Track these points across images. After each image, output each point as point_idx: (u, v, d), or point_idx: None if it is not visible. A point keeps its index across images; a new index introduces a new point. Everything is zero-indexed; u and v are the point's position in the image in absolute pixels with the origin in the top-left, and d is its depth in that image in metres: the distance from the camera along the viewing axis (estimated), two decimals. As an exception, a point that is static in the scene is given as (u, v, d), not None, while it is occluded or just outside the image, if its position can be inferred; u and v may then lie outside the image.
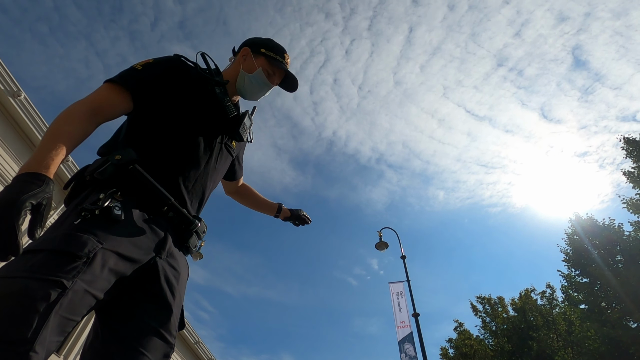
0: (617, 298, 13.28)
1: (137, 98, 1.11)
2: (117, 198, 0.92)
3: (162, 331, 0.92)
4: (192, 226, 1.09)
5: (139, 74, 1.13)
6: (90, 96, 1.04)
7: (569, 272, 15.62)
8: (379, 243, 10.75)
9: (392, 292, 10.10)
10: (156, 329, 0.91)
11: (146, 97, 1.13)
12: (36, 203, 0.76)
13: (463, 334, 20.71)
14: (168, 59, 1.24)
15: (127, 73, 1.12)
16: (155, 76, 1.15)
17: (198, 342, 12.70)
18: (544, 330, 17.11)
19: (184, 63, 1.26)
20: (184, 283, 1.07)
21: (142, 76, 1.13)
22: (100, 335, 0.88)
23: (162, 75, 1.17)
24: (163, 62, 1.21)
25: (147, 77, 1.14)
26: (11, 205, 0.71)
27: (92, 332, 0.92)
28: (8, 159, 6.34)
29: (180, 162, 1.11)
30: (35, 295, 0.69)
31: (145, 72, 1.14)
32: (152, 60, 1.20)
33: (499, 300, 20.50)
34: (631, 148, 14.55)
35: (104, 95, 1.06)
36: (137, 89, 1.10)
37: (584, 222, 15.89)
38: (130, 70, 1.14)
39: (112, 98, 1.06)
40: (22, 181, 0.77)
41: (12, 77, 5.95)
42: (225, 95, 1.29)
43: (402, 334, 9.40)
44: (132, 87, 1.09)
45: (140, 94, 1.11)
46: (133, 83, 1.10)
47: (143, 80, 1.12)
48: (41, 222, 0.78)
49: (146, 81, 1.13)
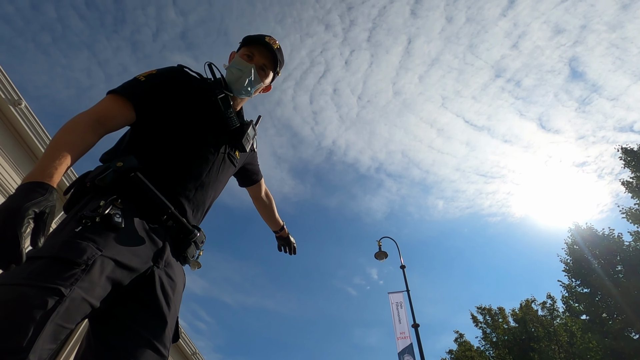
0: (618, 309, 13.19)
1: (140, 109, 1.12)
2: (117, 205, 0.92)
3: (156, 343, 0.90)
4: (191, 236, 1.08)
5: (142, 85, 1.14)
6: (94, 107, 1.05)
7: (570, 282, 15.55)
8: (379, 252, 10.69)
9: (391, 302, 10.00)
10: (149, 341, 0.89)
11: (149, 107, 1.14)
12: (39, 211, 0.74)
13: (463, 345, 20.47)
14: (171, 70, 1.25)
15: (130, 84, 1.14)
16: (157, 86, 1.17)
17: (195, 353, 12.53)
18: (545, 341, 16.93)
19: (186, 73, 1.28)
20: (179, 294, 1.06)
21: (145, 87, 1.14)
22: (93, 346, 0.86)
23: (165, 85, 1.19)
24: (165, 73, 1.23)
25: (150, 87, 1.15)
26: (15, 214, 0.70)
27: (85, 342, 0.90)
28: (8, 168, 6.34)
29: (181, 172, 1.11)
30: (32, 303, 0.69)
31: (147, 82, 1.16)
32: (155, 71, 1.22)
33: (500, 311, 20.31)
34: (629, 158, 14.62)
35: (107, 107, 1.07)
36: (140, 100, 1.11)
37: (584, 232, 15.88)
38: (133, 81, 1.15)
39: (115, 109, 1.07)
40: (25, 190, 0.76)
41: (13, 86, 5.98)
42: (229, 106, 1.28)
43: (402, 345, 9.28)
44: (135, 98, 1.10)
45: (143, 104, 1.12)
46: (136, 94, 1.11)
47: (146, 90, 1.14)
48: (44, 230, 0.76)
49: (149, 92, 1.14)
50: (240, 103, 1.44)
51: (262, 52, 1.37)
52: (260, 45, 1.37)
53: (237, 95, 1.37)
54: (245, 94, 1.37)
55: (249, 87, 1.35)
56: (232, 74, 1.33)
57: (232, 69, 1.34)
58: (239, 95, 1.37)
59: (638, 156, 14.36)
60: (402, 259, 10.32)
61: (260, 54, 1.37)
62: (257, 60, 1.36)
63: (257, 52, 1.37)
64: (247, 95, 1.39)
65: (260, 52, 1.37)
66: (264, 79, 1.40)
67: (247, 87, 1.35)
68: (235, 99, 1.39)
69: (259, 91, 1.46)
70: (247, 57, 1.35)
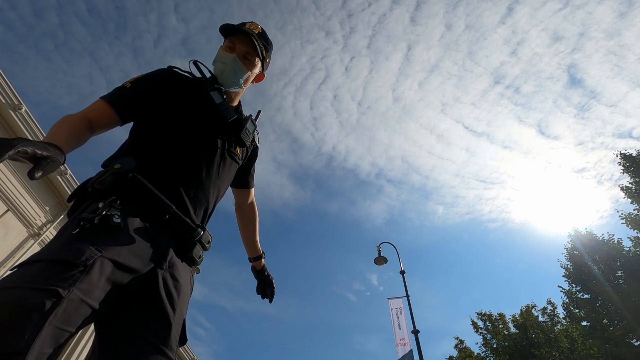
0: (619, 315, 13.12)
1: (125, 114, 1.17)
2: (116, 206, 0.92)
3: (162, 346, 0.88)
4: (195, 235, 1.06)
5: (126, 92, 1.19)
6: (85, 109, 1.13)
7: (570, 287, 15.47)
8: (378, 258, 10.65)
9: (391, 308, 9.94)
10: (155, 344, 0.87)
11: (138, 111, 1.18)
12: (31, 151, 0.77)
13: (464, 352, 20.32)
14: (159, 72, 1.28)
15: (116, 91, 1.19)
16: (145, 90, 1.21)
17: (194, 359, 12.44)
18: (546, 347, 16.82)
19: (176, 73, 1.30)
20: (186, 295, 1.04)
21: (130, 92, 1.19)
22: (98, 353, 0.85)
23: (153, 87, 1.22)
24: (153, 76, 1.26)
25: (136, 92, 1.19)
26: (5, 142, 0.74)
27: (90, 350, 0.89)
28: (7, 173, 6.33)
29: (180, 170, 1.11)
30: (29, 305, 0.68)
31: (133, 88, 1.20)
32: (142, 75, 1.26)
33: (500, 317, 20.19)
34: (628, 164, 14.64)
35: (94, 109, 1.14)
36: (121, 107, 1.16)
37: (584, 237, 15.84)
38: (119, 88, 1.21)
39: (101, 112, 1.14)
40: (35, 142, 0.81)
41: (14, 90, 6.00)
42: (222, 99, 1.29)
43: (401, 351, 9.20)
44: (117, 104, 1.16)
45: (126, 110, 1.17)
46: (118, 101, 1.17)
47: (130, 96, 1.18)
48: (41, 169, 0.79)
49: (134, 97, 1.19)
50: (236, 98, 1.43)
51: (242, 40, 1.34)
52: (241, 34, 1.34)
53: (227, 89, 1.35)
54: (234, 85, 1.35)
55: (234, 78, 1.33)
56: (218, 68, 1.33)
57: (217, 62, 1.33)
58: (229, 88, 1.35)
59: (637, 162, 14.38)
60: (401, 264, 10.29)
61: (241, 42, 1.34)
62: (238, 50, 1.33)
63: (237, 41, 1.34)
64: (237, 86, 1.36)
65: (241, 41, 1.34)
66: (250, 68, 1.36)
67: (233, 79, 1.33)
68: (229, 94, 1.38)
69: (250, 81, 1.43)
70: (229, 49, 1.33)
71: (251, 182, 1.60)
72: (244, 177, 1.57)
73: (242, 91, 1.43)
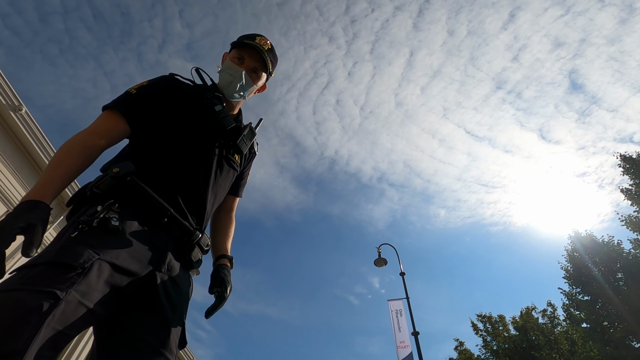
0: (619, 317, 13.10)
1: (133, 120, 1.15)
2: (114, 210, 0.92)
3: (161, 349, 0.89)
4: (193, 237, 1.07)
5: (132, 97, 1.18)
6: (92, 125, 1.10)
7: (570, 289, 15.46)
8: (378, 259, 10.65)
9: (391, 310, 9.92)
10: (155, 347, 0.88)
11: (142, 117, 1.17)
12: (25, 225, 0.79)
13: (464, 354, 20.29)
14: (162, 79, 1.29)
15: (122, 98, 1.18)
16: (150, 97, 1.20)
17: (193, 361, 12.39)
18: (546, 349, 16.78)
19: (177, 80, 1.31)
20: (185, 298, 1.04)
21: (136, 99, 1.18)
22: (97, 356, 0.86)
23: (157, 94, 1.22)
24: (156, 82, 1.26)
25: (141, 99, 1.19)
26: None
27: (89, 353, 0.90)
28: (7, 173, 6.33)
29: (178, 175, 1.11)
30: (26, 306, 0.68)
31: (138, 94, 1.20)
32: (146, 82, 1.26)
33: (500, 319, 20.16)
34: (628, 165, 14.66)
35: (102, 123, 1.11)
36: (131, 113, 1.15)
37: (584, 239, 15.86)
38: (125, 94, 1.19)
39: (110, 124, 1.11)
40: (19, 209, 0.82)
41: (14, 91, 6.01)
42: (221, 106, 1.29)
43: (402, 354, 9.18)
44: (126, 111, 1.14)
45: (134, 116, 1.15)
46: (127, 108, 1.15)
47: (137, 102, 1.17)
48: (34, 242, 0.81)
49: (140, 103, 1.18)
50: (236, 106, 1.44)
51: (252, 55, 1.35)
52: (250, 48, 1.34)
53: (230, 99, 1.36)
54: (238, 97, 1.37)
55: (241, 91, 1.35)
56: (224, 79, 1.33)
57: (224, 73, 1.34)
58: (232, 99, 1.36)
59: (637, 164, 14.39)
60: (401, 265, 10.28)
61: (250, 56, 1.35)
62: (247, 64, 1.34)
63: (247, 55, 1.35)
64: (240, 98, 1.39)
65: (251, 55, 1.35)
66: (256, 82, 1.38)
67: (239, 92, 1.35)
68: (230, 102, 1.39)
69: (252, 93, 1.45)
70: (237, 60, 1.34)
71: (240, 191, 1.55)
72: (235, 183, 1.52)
73: (242, 100, 1.44)
